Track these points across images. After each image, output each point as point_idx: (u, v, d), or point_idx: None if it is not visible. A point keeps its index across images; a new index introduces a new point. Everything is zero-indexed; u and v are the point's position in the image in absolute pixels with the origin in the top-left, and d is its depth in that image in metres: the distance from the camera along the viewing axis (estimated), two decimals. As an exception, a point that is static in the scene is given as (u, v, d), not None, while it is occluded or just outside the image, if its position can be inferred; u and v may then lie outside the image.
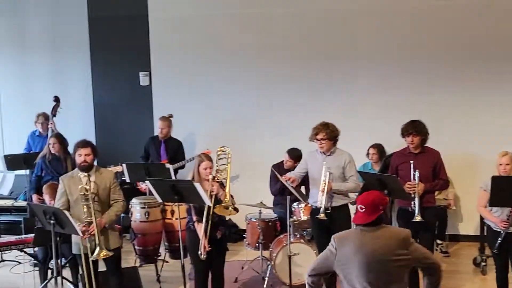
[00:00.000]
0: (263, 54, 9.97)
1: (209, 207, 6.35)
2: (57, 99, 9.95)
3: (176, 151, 9.48)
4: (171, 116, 9.66)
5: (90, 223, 6.33)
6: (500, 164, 6.65)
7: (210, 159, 6.62)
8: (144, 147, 9.62)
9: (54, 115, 9.88)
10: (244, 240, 8.37)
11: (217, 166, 6.53)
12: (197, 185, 6.43)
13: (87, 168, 6.56)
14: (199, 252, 6.40)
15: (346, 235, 4.46)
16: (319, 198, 6.84)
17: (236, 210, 6.38)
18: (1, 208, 9.95)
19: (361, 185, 7.06)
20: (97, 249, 6.32)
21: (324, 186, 6.81)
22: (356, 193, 7.16)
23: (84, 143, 6.61)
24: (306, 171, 7.09)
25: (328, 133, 6.93)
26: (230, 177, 6.54)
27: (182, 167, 9.34)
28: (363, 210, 4.39)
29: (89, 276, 6.51)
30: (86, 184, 6.36)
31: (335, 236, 4.46)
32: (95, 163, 6.76)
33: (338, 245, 4.38)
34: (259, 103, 10.07)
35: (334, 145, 7.02)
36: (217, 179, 6.48)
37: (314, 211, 7.03)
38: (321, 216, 6.75)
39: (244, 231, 8.42)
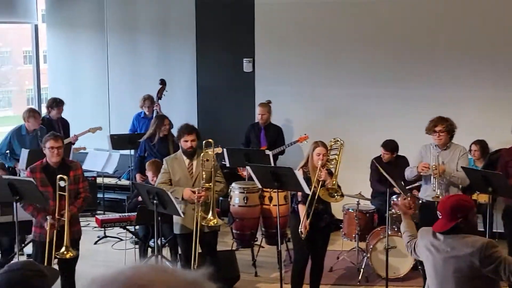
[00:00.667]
0: (369, 43, 9.84)
1: (313, 192, 6.39)
2: (163, 82, 10.19)
3: (275, 137, 9.52)
4: (269, 102, 9.70)
5: (208, 188, 6.53)
6: None
7: (325, 146, 6.65)
8: (245, 134, 9.71)
9: (160, 98, 10.12)
10: (341, 230, 8.35)
11: (328, 156, 6.59)
12: (297, 172, 6.48)
13: (192, 153, 6.71)
14: (300, 231, 6.45)
15: (426, 233, 4.34)
16: (432, 181, 6.79)
17: (342, 196, 6.43)
18: (106, 186, 10.28)
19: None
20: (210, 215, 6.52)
21: (436, 170, 6.75)
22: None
23: (190, 129, 6.74)
24: None
25: (447, 126, 6.86)
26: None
27: (282, 153, 9.38)
28: (441, 216, 4.16)
29: (191, 255, 6.66)
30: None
31: (422, 229, 4.40)
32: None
33: (419, 237, 4.33)
34: (359, 94, 9.97)
35: (451, 139, 6.93)
36: (327, 168, 6.55)
37: (424, 205, 6.96)
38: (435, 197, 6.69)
39: (340, 221, 8.39)
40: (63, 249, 6.20)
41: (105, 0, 11.27)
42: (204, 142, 6.69)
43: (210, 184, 6.57)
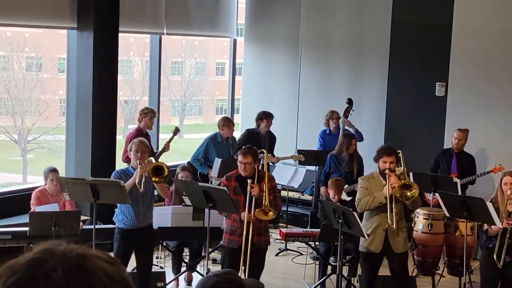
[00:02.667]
0: None
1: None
2: (350, 102, 10.23)
3: (467, 165, 9.24)
4: (467, 130, 9.43)
5: None
6: None
7: None
8: (435, 159, 9.51)
9: (346, 117, 10.17)
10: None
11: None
12: (489, 204, 6.27)
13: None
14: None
15: None
16: None
17: None
18: (290, 200, 10.48)
19: None
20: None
21: None
22: None
23: (390, 151, 6.70)
24: None
25: None
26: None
27: (472, 182, 9.08)
28: None
29: (373, 276, 6.68)
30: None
31: None
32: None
33: None
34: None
35: None
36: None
37: None
38: None
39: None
40: None
41: (302, 17, 11.53)
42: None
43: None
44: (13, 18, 8.89)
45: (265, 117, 10.10)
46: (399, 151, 6.89)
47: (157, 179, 6.50)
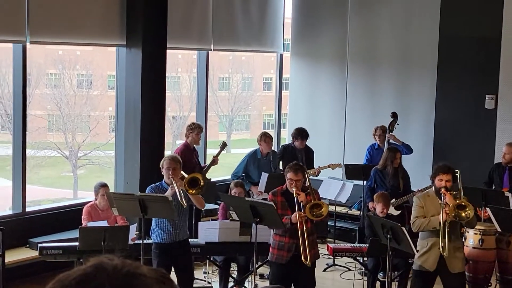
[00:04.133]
0: None
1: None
2: (394, 115, 10.15)
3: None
4: None
5: None
6: None
7: None
8: (489, 172, 9.35)
9: (391, 131, 10.08)
10: None
11: None
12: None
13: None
14: None
15: None
16: None
17: None
18: (337, 215, 10.42)
19: None
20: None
21: None
22: None
23: (446, 169, 6.57)
24: None
25: None
26: None
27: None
28: None
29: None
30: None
31: None
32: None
33: None
34: None
35: None
36: None
37: None
38: None
39: None
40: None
41: (348, 32, 11.50)
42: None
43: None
44: (64, 36, 9.08)
45: (300, 137, 10.02)
46: (457, 170, 6.78)
47: (194, 191, 6.59)
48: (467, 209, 6.31)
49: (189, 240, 7.23)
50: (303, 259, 6.43)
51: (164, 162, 6.96)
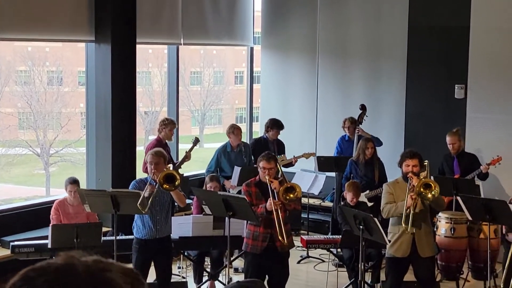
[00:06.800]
0: None
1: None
2: (363, 107, 10.19)
3: (470, 165, 9.09)
4: (458, 130, 9.35)
5: None
6: None
7: None
8: (438, 169, 9.38)
9: (360, 123, 10.13)
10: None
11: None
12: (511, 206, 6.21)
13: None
14: None
15: None
16: None
17: None
18: (310, 207, 10.45)
19: None
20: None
21: None
22: None
23: (412, 154, 6.67)
24: None
25: None
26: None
27: (482, 179, 8.96)
28: None
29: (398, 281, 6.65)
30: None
31: None
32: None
33: None
34: None
35: None
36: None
37: None
38: None
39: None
40: None
41: (318, 24, 11.52)
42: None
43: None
44: (32, 32, 8.98)
45: (276, 127, 10.08)
46: (426, 161, 6.85)
47: (167, 186, 6.54)
48: (433, 188, 6.37)
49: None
50: (280, 238, 6.44)
51: (148, 157, 6.93)
